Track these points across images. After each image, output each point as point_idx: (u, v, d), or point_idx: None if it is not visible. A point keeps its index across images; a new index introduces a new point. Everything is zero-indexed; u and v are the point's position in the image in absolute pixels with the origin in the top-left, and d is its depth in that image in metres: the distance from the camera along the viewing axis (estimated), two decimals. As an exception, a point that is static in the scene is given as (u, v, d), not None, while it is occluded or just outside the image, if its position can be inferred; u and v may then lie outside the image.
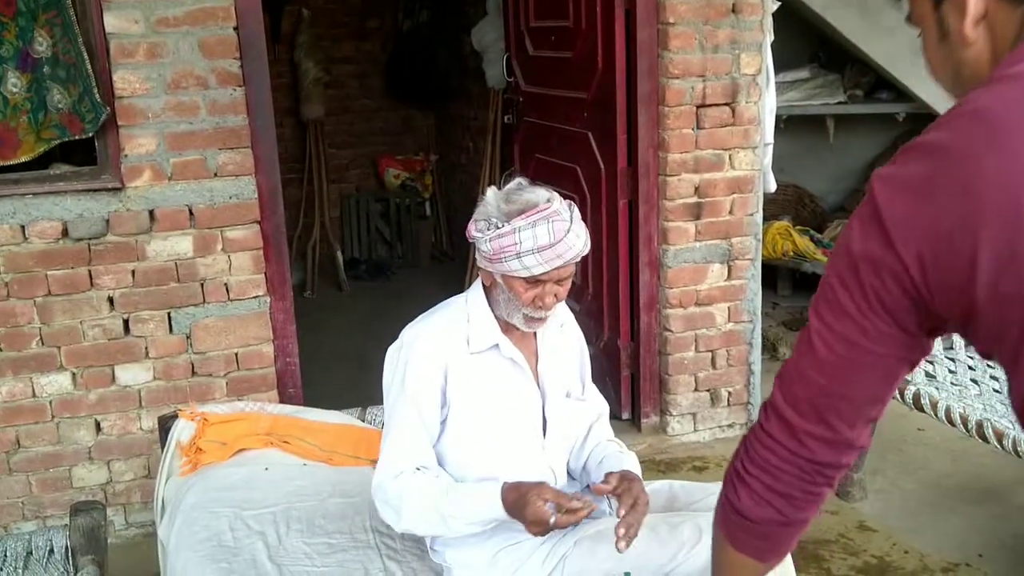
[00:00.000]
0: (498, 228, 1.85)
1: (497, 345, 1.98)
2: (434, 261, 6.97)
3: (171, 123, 2.96)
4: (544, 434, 2.03)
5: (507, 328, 1.99)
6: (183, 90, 2.95)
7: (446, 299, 2.08)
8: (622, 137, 3.52)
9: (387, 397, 1.99)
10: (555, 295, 1.92)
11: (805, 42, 5.53)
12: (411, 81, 6.68)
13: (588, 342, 2.24)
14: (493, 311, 1.98)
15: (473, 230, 1.91)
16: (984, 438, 2.82)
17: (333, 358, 4.70)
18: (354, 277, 6.45)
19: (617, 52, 3.45)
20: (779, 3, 3.58)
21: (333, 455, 2.56)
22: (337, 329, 5.29)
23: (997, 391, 3.10)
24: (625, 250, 3.62)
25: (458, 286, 5.69)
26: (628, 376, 3.74)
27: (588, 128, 3.71)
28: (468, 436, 1.97)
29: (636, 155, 3.50)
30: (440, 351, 1.94)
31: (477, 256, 1.94)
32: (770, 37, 3.56)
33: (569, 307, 2.10)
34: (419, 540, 2.13)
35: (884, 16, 4.87)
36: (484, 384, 1.97)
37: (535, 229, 1.83)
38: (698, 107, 3.45)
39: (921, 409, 3.04)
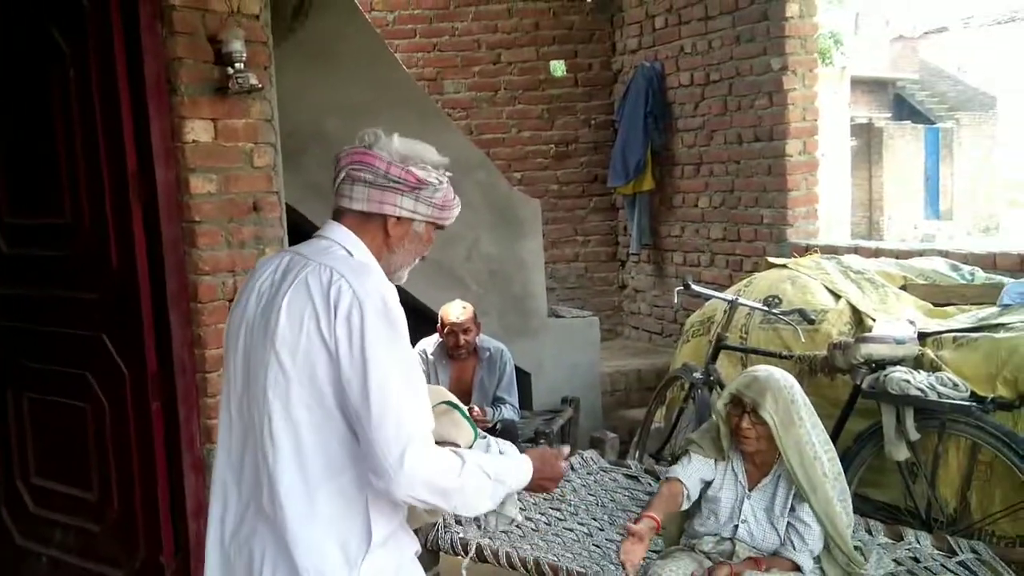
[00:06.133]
0: (442, 177, 1.88)
1: None
2: None
3: None
4: None
5: None
6: None
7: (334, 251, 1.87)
8: (150, 338, 3.33)
9: (386, 349, 1.73)
10: None
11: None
12: None
13: (118, 565, 2.06)
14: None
15: (423, 175, 1.84)
16: None
17: None
18: None
19: (138, 250, 3.30)
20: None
21: None
22: None
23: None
24: (162, 455, 3.37)
25: None
26: (175, 596, 3.42)
27: (102, 330, 3.43)
28: None
29: (171, 354, 3.33)
30: None
31: (404, 202, 1.83)
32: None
33: (88, 530, 1.79)
34: None
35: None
36: None
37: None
38: (230, 301, 3.43)
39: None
